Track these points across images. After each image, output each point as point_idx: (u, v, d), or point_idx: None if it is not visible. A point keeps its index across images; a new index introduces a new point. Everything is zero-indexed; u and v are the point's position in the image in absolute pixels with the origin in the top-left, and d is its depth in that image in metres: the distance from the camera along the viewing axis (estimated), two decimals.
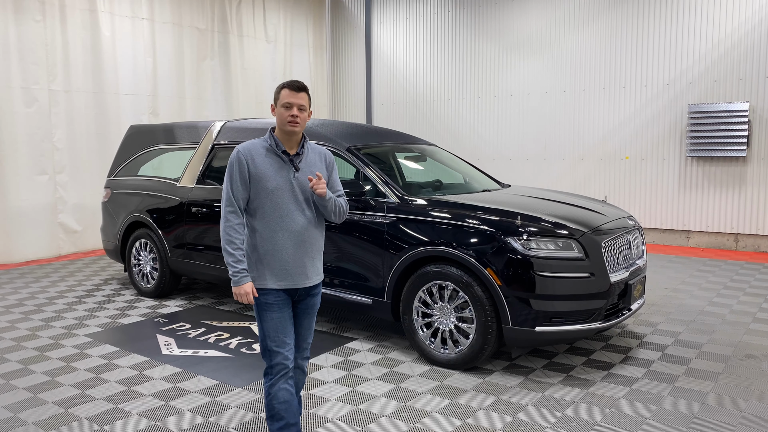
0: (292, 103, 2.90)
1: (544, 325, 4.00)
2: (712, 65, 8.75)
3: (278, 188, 2.91)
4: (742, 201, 8.68)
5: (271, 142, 2.96)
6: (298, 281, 2.98)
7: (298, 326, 3.11)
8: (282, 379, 2.97)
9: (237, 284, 2.89)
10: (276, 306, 2.96)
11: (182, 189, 6.08)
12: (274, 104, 2.97)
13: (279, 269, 2.94)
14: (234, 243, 2.89)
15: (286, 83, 2.95)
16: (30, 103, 8.28)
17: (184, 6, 10.06)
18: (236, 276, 2.88)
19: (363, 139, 5.41)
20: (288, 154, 2.96)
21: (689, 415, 3.59)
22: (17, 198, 8.23)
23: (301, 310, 3.09)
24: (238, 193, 2.91)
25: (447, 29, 11.22)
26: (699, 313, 5.66)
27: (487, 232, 4.15)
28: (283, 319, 2.98)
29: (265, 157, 2.93)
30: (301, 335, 3.13)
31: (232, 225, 2.90)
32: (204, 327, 5.39)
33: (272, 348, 2.96)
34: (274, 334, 2.96)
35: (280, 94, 2.94)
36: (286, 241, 2.93)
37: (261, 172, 2.90)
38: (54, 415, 3.66)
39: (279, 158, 2.95)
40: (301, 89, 2.93)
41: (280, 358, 2.96)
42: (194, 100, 10.32)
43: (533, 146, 10.36)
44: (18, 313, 5.89)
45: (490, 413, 3.65)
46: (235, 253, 2.89)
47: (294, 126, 2.91)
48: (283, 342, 2.97)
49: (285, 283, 2.95)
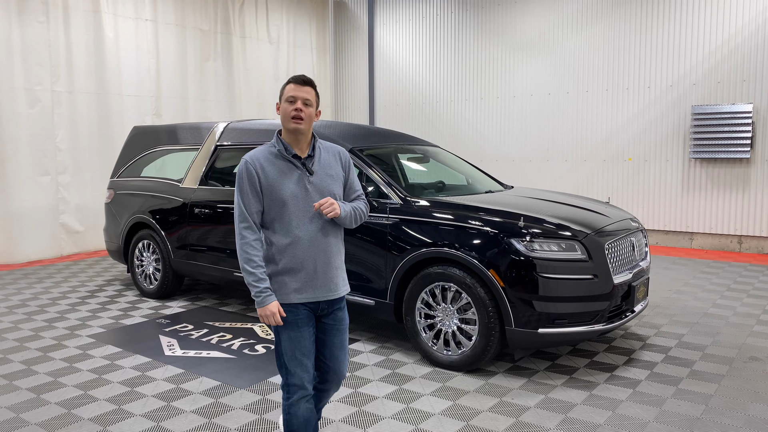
0: (296, 97, 2.65)
1: (547, 327, 3.99)
2: (715, 66, 8.73)
3: (293, 197, 2.67)
4: (745, 203, 8.66)
5: (279, 146, 2.71)
6: (320, 294, 2.73)
7: (329, 345, 2.82)
8: (301, 401, 2.74)
9: (261, 305, 2.64)
10: (294, 324, 2.70)
11: (185, 190, 6.09)
12: (279, 101, 2.73)
13: (300, 282, 2.69)
14: (253, 261, 2.65)
15: (291, 77, 2.71)
16: (33, 104, 8.29)
17: (187, 7, 10.08)
18: (260, 296, 2.63)
19: (366, 141, 5.41)
20: (299, 158, 2.71)
21: (693, 418, 3.58)
22: (20, 198, 8.25)
23: (329, 326, 2.81)
24: (251, 206, 2.67)
25: (450, 30, 11.22)
26: (702, 315, 5.65)
27: (490, 234, 4.14)
28: (303, 338, 2.71)
29: (275, 164, 2.68)
30: (335, 356, 2.84)
31: (249, 242, 2.66)
32: (207, 328, 5.39)
33: (289, 368, 2.72)
34: (291, 354, 2.71)
35: (285, 89, 2.70)
36: (305, 251, 2.68)
37: (273, 182, 2.66)
38: (57, 416, 3.66)
39: (290, 163, 2.70)
40: (306, 83, 2.69)
41: (296, 380, 2.72)
42: (197, 101, 10.33)
43: (536, 147, 10.35)
44: (21, 313, 5.90)
45: (493, 415, 3.64)
46: (255, 271, 2.64)
47: (298, 123, 2.65)
48: (300, 363, 2.71)
49: (307, 296, 2.70)
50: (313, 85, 2.73)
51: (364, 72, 12.37)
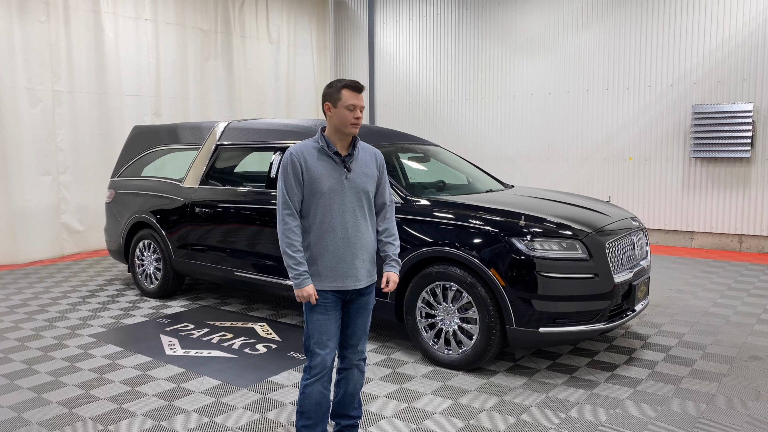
0: (356, 105, 2.88)
1: (547, 326, 3.99)
2: (716, 66, 8.73)
3: (330, 190, 2.89)
4: (746, 202, 8.66)
5: (323, 143, 2.93)
6: (347, 283, 2.95)
7: (352, 326, 3.07)
8: (319, 382, 2.98)
9: (299, 287, 2.87)
10: (323, 307, 2.94)
11: (186, 189, 6.09)
12: (331, 104, 2.91)
13: (329, 270, 2.92)
14: (294, 246, 2.88)
15: (346, 83, 2.90)
16: (34, 104, 8.30)
17: (187, 7, 10.08)
18: (298, 278, 2.87)
19: (366, 140, 5.40)
20: (340, 155, 2.93)
21: (694, 417, 3.58)
22: (21, 198, 8.25)
23: (353, 309, 3.05)
24: (294, 195, 2.89)
25: (450, 30, 11.22)
26: (703, 314, 5.65)
27: (491, 233, 4.14)
28: (329, 321, 2.96)
29: (317, 158, 2.91)
30: (356, 335, 3.09)
31: (291, 227, 2.89)
32: (207, 327, 5.39)
33: (313, 349, 2.97)
34: (318, 335, 2.95)
35: (341, 95, 2.88)
36: (336, 242, 2.91)
37: (314, 174, 2.88)
38: (58, 415, 3.67)
39: (331, 159, 2.92)
40: (362, 90, 2.93)
41: (319, 359, 2.96)
42: (197, 101, 10.33)
43: (536, 147, 10.35)
44: (22, 313, 5.90)
45: (494, 414, 3.64)
46: (295, 255, 2.88)
47: (356, 128, 2.91)
48: (325, 344, 2.96)
49: (335, 284, 2.93)
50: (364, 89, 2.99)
51: (365, 71, 12.37)
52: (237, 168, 6.19)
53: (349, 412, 3.17)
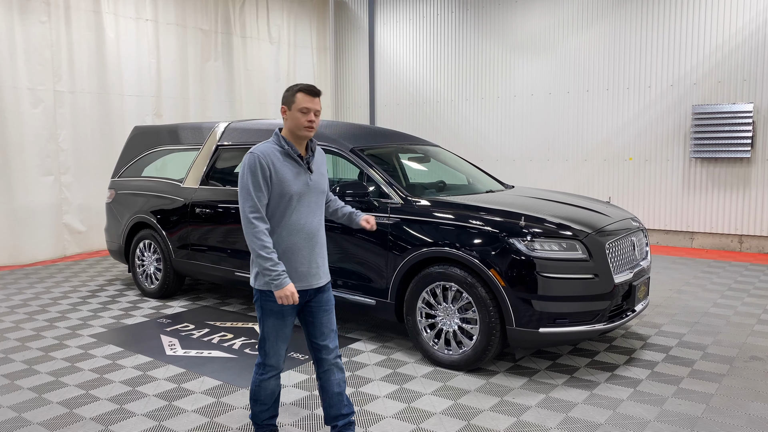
0: (309, 109, 2.90)
1: (547, 327, 4.00)
2: (716, 66, 8.73)
3: (298, 192, 2.92)
4: (746, 202, 8.66)
5: (287, 146, 2.94)
6: (312, 282, 3.00)
7: (318, 324, 3.07)
8: (273, 378, 3.10)
9: (280, 287, 2.85)
10: (279, 313, 2.97)
11: (186, 190, 6.10)
12: (287, 107, 2.93)
13: (294, 272, 2.94)
14: (267, 247, 2.85)
15: (301, 87, 2.92)
16: (36, 104, 8.31)
17: (187, 7, 10.09)
18: (278, 279, 2.85)
19: (366, 140, 5.42)
20: (302, 158, 2.97)
21: (694, 417, 3.58)
22: (23, 199, 8.25)
23: (315, 307, 3.06)
24: (262, 197, 2.88)
25: (450, 30, 11.22)
26: (703, 315, 5.65)
27: (491, 233, 4.15)
28: (285, 326, 3.01)
29: (283, 161, 2.92)
30: (324, 333, 3.07)
31: (261, 230, 2.86)
32: (208, 328, 5.40)
33: (268, 350, 3.04)
34: (273, 339, 3.02)
35: (296, 98, 2.90)
36: (302, 242, 2.95)
37: (282, 177, 2.89)
38: (59, 416, 3.67)
39: (296, 162, 2.95)
40: (317, 94, 2.93)
41: (273, 360, 3.05)
42: (198, 102, 10.34)
43: (537, 147, 10.36)
44: (22, 313, 5.91)
45: (494, 414, 3.64)
46: (271, 256, 2.84)
47: (310, 131, 2.93)
48: (280, 349, 3.04)
49: (299, 284, 2.96)
50: (321, 94, 2.99)
51: (365, 72, 12.38)
52: (237, 168, 6.19)
53: (341, 411, 3.15)
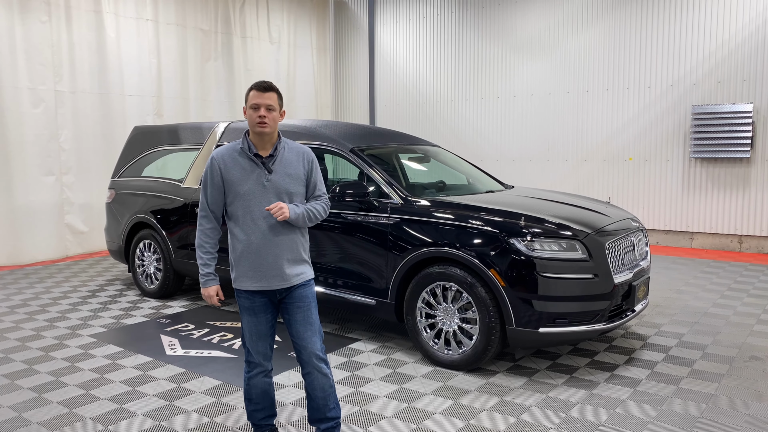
0: (259, 104, 2.90)
1: (547, 326, 4.00)
2: (716, 66, 8.74)
3: (250, 192, 2.92)
4: (745, 202, 8.66)
5: (244, 145, 2.96)
6: (273, 283, 2.97)
7: (294, 323, 3.04)
8: (260, 375, 3.13)
9: (203, 286, 3.03)
10: (251, 310, 3.02)
11: (186, 190, 6.10)
12: (245, 106, 2.97)
13: (252, 271, 2.96)
14: (203, 247, 3.01)
15: (253, 84, 2.96)
16: (37, 104, 8.31)
17: (188, 7, 10.09)
18: (203, 279, 3.03)
19: (366, 140, 5.42)
20: (260, 157, 2.95)
21: (693, 417, 3.59)
22: (24, 198, 8.26)
23: (289, 305, 3.04)
24: (211, 198, 2.97)
25: (450, 30, 11.23)
26: (703, 315, 5.65)
27: (491, 233, 4.15)
28: (259, 323, 3.03)
29: (237, 161, 2.95)
30: (300, 333, 3.02)
31: (203, 229, 3.01)
32: (207, 327, 5.40)
33: (248, 347, 3.11)
34: (249, 336, 3.07)
35: (248, 96, 2.94)
36: (259, 242, 2.94)
37: (233, 177, 2.93)
38: (59, 415, 3.67)
39: (251, 162, 2.95)
40: (267, 89, 2.93)
41: (253, 358, 3.11)
42: (198, 102, 10.34)
43: (536, 147, 10.36)
44: (22, 313, 5.91)
45: (494, 414, 3.65)
46: (204, 256, 3.01)
47: (263, 127, 2.89)
48: (257, 344, 3.07)
49: (259, 284, 2.97)
50: (275, 89, 2.97)
51: (365, 72, 12.38)
52: None
53: (325, 414, 3.12)
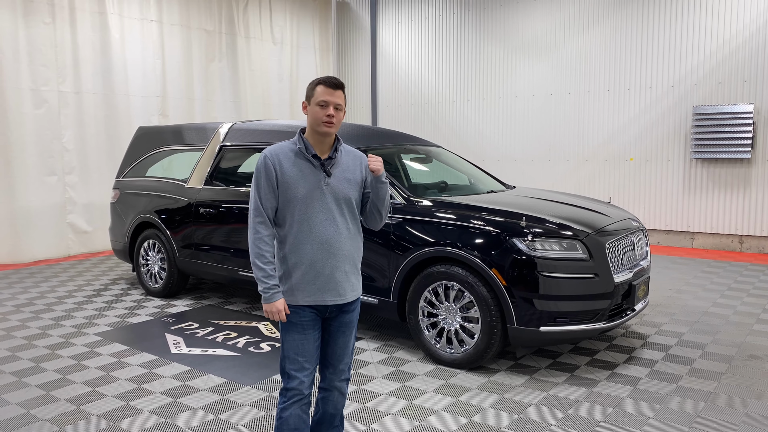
0: (328, 102, 2.63)
1: (548, 325, 4.05)
2: (716, 67, 8.77)
3: (307, 196, 2.64)
4: (746, 203, 8.70)
5: (300, 145, 2.68)
6: (327, 298, 2.69)
7: (333, 345, 2.81)
8: (295, 405, 2.73)
9: (268, 301, 2.65)
10: (300, 326, 2.69)
11: (190, 190, 6.15)
12: (307, 102, 2.69)
13: (307, 284, 2.67)
14: (264, 257, 2.65)
15: (321, 79, 2.67)
16: (40, 105, 8.37)
17: (192, 8, 10.14)
18: (267, 293, 2.64)
19: (369, 141, 5.47)
20: (319, 158, 2.67)
21: (692, 415, 3.63)
22: (27, 198, 8.32)
23: (334, 327, 2.79)
24: (267, 201, 2.66)
25: (452, 31, 11.26)
26: (703, 314, 5.69)
27: (492, 233, 4.19)
28: (306, 341, 2.71)
29: (294, 161, 2.66)
30: (337, 355, 2.82)
31: (262, 237, 2.65)
32: (212, 326, 5.45)
33: (290, 371, 2.72)
34: (294, 356, 2.71)
35: (315, 91, 2.65)
36: (315, 253, 2.65)
37: (289, 179, 2.64)
38: (66, 412, 3.73)
39: (309, 163, 2.67)
40: (338, 86, 2.66)
41: (296, 383, 2.71)
42: (203, 102, 10.40)
43: (538, 148, 10.40)
44: (28, 312, 5.96)
45: (496, 411, 3.69)
46: (265, 267, 2.64)
47: (329, 126, 2.64)
48: (302, 366, 2.71)
49: (313, 299, 2.68)
50: (343, 87, 2.70)
51: (367, 72, 12.43)
52: (241, 169, 6.24)
53: (329, 430, 2.97)
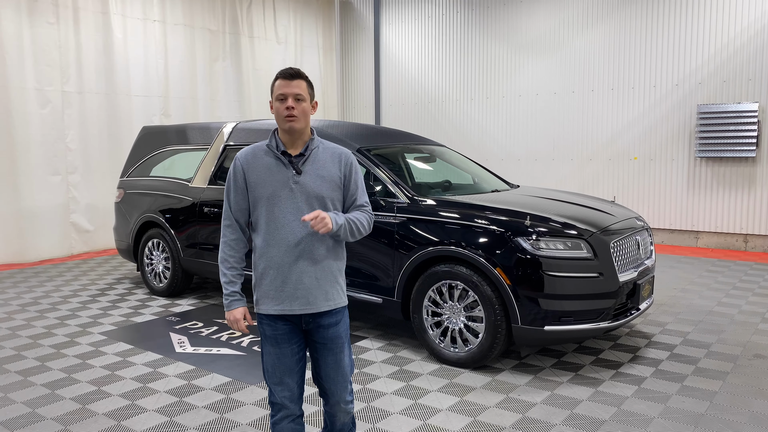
0: (286, 94, 2.42)
1: (553, 325, 4.04)
2: (721, 65, 8.74)
3: (274, 195, 2.45)
4: (751, 202, 8.67)
5: (271, 142, 2.52)
6: (294, 306, 2.45)
7: (323, 365, 2.55)
8: (286, 420, 2.54)
9: (227, 308, 2.53)
10: (272, 339, 2.49)
11: (194, 189, 6.16)
12: (271, 99, 2.51)
13: (274, 291, 2.46)
14: (227, 261, 2.54)
15: (279, 72, 2.47)
16: (44, 105, 8.39)
17: (195, 7, 10.16)
18: (227, 299, 2.53)
19: (373, 140, 5.47)
20: (289, 155, 2.49)
21: (697, 414, 3.62)
22: (30, 198, 8.34)
23: (319, 344, 2.54)
24: (235, 204, 2.53)
25: (456, 30, 11.26)
26: (707, 313, 5.68)
27: (497, 232, 4.19)
28: (283, 355, 2.49)
29: (262, 160, 2.50)
30: (330, 377, 2.56)
31: (227, 241, 2.54)
32: (216, 325, 5.46)
33: (270, 385, 2.54)
34: (272, 370, 2.52)
35: (274, 86, 2.47)
36: (282, 256, 2.45)
37: (257, 178, 2.48)
38: (72, 411, 3.74)
39: (278, 161, 2.49)
40: (295, 76, 2.44)
41: (276, 398, 2.52)
42: (206, 102, 10.41)
43: (542, 146, 10.38)
44: (33, 311, 5.98)
45: (500, 411, 3.69)
46: (227, 272, 2.53)
47: (291, 120, 2.42)
48: (281, 381, 2.50)
49: (281, 307, 2.46)
50: (304, 76, 2.47)
51: (371, 71, 12.42)
52: None
53: None
